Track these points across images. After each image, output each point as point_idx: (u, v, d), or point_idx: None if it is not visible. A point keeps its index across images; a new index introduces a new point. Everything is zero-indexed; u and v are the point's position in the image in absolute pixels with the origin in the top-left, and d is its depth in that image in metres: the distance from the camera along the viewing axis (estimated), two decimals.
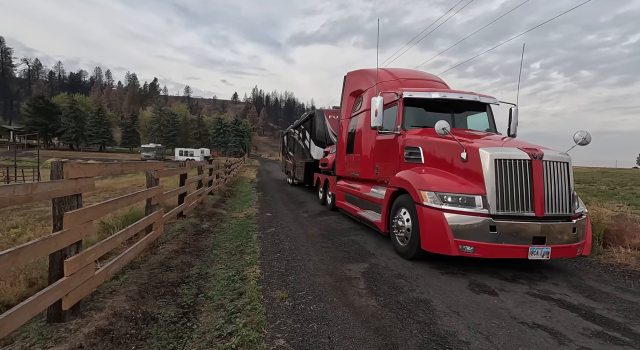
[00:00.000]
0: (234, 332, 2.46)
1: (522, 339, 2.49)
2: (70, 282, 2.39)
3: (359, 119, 6.94)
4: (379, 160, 5.91)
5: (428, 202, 4.01)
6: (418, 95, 5.41)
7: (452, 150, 4.33)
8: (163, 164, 4.98)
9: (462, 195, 3.88)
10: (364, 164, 6.51)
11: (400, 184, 4.62)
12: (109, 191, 12.74)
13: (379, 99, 5.19)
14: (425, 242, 4.02)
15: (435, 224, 3.89)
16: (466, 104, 5.61)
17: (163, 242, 4.81)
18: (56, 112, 71.13)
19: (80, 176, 2.54)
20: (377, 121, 5.22)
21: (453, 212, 3.82)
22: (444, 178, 4.24)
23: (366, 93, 6.81)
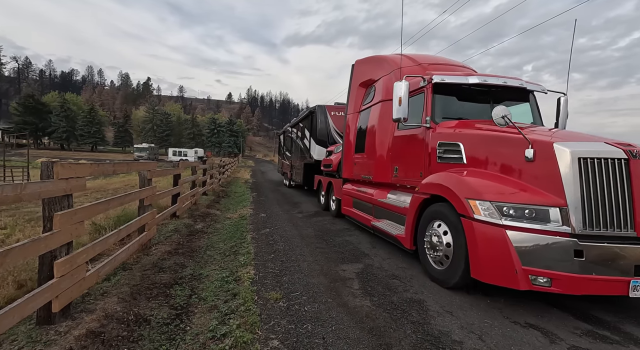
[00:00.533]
0: (227, 334, 2.45)
1: (514, 338, 2.52)
2: (61, 284, 2.35)
3: (371, 113, 5.98)
4: (399, 160, 4.97)
5: (481, 215, 3.06)
6: (451, 80, 4.37)
7: (511, 146, 3.38)
8: (156, 164, 4.94)
9: (531, 206, 2.92)
10: (378, 165, 5.55)
11: (435, 190, 3.69)
12: (101, 191, 12.59)
13: (404, 85, 4.16)
14: (479, 268, 3.05)
15: (493, 246, 2.96)
16: (508, 92, 4.59)
17: (156, 243, 4.76)
18: (47, 111, 69.99)
19: (71, 176, 2.50)
20: (401, 111, 4.17)
21: (519, 229, 2.88)
22: (501, 183, 3.26)
23: (380, 82, 5.83)
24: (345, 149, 7.12)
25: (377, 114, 5.73)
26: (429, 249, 3.77)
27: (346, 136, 7.17)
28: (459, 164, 3.86)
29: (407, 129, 4.78)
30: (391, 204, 4.98)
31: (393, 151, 5.17)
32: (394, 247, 5.00)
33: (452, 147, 3.97)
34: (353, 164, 6.72)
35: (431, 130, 4.31)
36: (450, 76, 4.47)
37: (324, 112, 11.06)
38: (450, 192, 3.43)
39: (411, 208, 4.16)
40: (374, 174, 5.72)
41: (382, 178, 5.43)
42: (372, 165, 5.78)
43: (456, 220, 3.34)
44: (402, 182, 4.87)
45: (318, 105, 11.35)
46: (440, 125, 4.29)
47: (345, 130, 7.21)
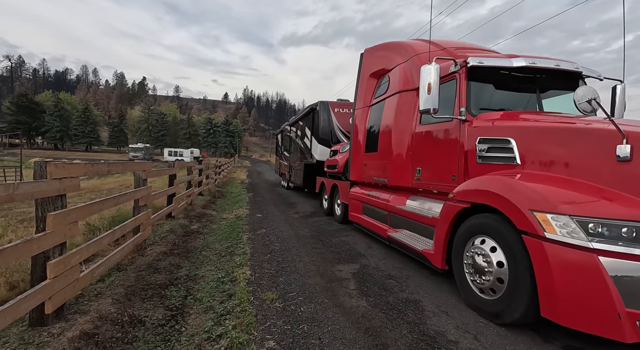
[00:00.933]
0: (223, 335, 2.44)
1: (509, 337, 2.54)
2: (54, 285, 2.33)
3: (385, 106, 5.20)
4: (423, 160, 4.23)
5: (556, 233, 2.29)
6: (492, 63, 3.60)
7: (594, 141, 2.61)
8: (151, 164, 4.90)
9: (631, 223, 2.14)
10: (395, 166, 4.79)
11: (480, 198, 2.91)
12: (96, 192, 12.48)
13: (433, 68, 3.43)
14: (555, 307, 2.29)
15: (578, 277, 2.21)
16: (558, 79, 3.82)
17: (151, 244, 4.73)
18: (40, 110, 69.19)
19: (64, 176, 2.47)
20: (431, 101, 3.43)
21: (617, 255, 2.12)
22: (579, 190, 2.48)
23: (396, 71, 5.04)
24: (353, 149, 6.33)
25: (393, 107, 4.93)
26: (471, 273, 2.97)
27: (354, 134, 6.36)
28: (509, 165, 3.07)
29: (433, 124, 4.03)
30: (413, 212, 4.24)
31: (414, 150, 4.39)
32: (390, 248, 5.00)
33: (499, 144, 3.19)
34: (363, 165, 5.93)
35: (467, 123, 3.52)
36: (490, 58, 3.68)
37: (327, 109, 10.15)
38: (505, 202, 2.62)
39: (443, 219, 3.38)
40: (390, 177, 4.93)
41: (400, 181, 4.67)
42: (387, 166, 4.99)
43: (514, 239, 2.55)
44: (427, 187, 4.15)
45: (321, 101, 10.36)
46: (478, 117, 3.52)
47: (353, 127, 6.38)
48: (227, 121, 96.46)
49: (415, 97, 4.25)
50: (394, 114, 4.89)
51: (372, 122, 5.73)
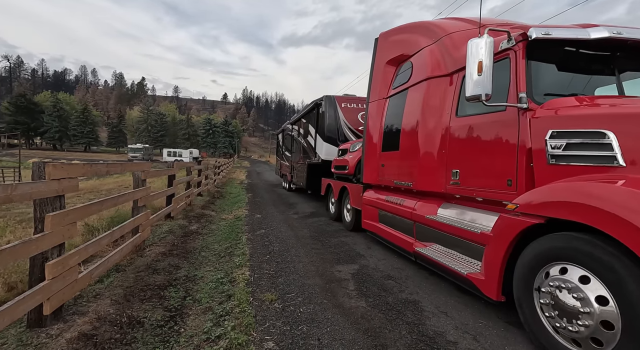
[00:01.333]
0: (222, 335, 2.43)
1: (508, 338, 2.54)
2: (52, 286, 2.32)
3: (407, 97, 4.44)
4: (462, 160, 3.44)
5: None
6: (562, 35, 2.82)
7: None
8: (150, 165, 4.90)
9: None
10: (423, 168, 4.01)
11: (566, 212, 2.13)
12: (94, 192, 12.45)
13: (485, 42, 2.70)
14: None
15: None
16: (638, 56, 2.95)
17: (150, 244, 4.72)
18: (39, 111, 69.06)
19: (63, 177, 2.47)
20: (482, 85, 2.71)
21: None
22: None
23: (421, 56, 4.31)
24: (367, 147, 5.50)
25: (418, 98, 4.18)
26: (553, 317, 2.16)
27: (368, 130, 5.52)
28: (606, 168, 2.28)
29: (477, 115, 3.26)
30: (449, 224, 3.38)
31: (450, 148, 3.63)
32: (389, 248, 5.00)
33: (587, 139, 2.39)
34: (379, 166, 5.12)
35: (529, 113, 2.77)
36: (559, 29, 2.86)
37: (334, 104, 9.27)
38: (618, 222, 1.81)
39: (500, 237, 2.62)
40: (416, 180, 4.15)
41: (430, 185, 3.92)
42: (412, 167, 4.23)
43: (630, 274, 1.81)
44: (467, 193, 3.36)
45: (326, 96, 9.51)
46: (545, 105, 2.77)
47: (367, 122, 5.57)
48: (226, 121, 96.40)
49: (448, 84, 3.73)
50: (421, 105, 4.09)
51: (390, 116, 4.91)
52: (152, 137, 79.99)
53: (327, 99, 9.39)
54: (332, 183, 7.57)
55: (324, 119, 9.30)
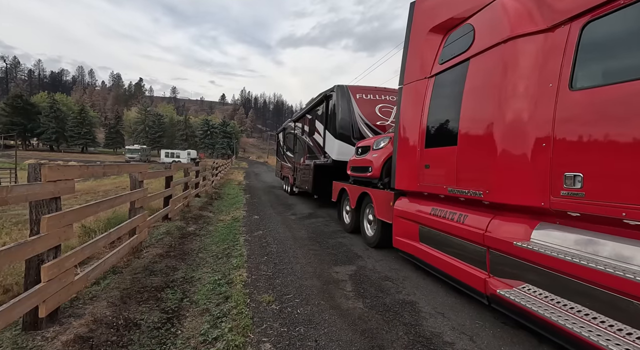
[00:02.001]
0: (219, 337, 2.43)
1: (504, 338, 2.55)
2: (48, 288, 2.31)
3: (470, 70, 3.29)
4: (590, 158, 2.24)
5: None
6: None
7: None
8: (147, 166, 4.88)
9: None
10: (507, 169, 2.80)
11: None
12: (91, 193, 12.41)
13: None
14: None
15: None
16: None
17: (147, 246, 4.70)
18: (35, 111, 68.69)
19: (59, 178, 2.46)
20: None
21: None
22: None
23: (489, 13, 3.21)
24: (401, 143, 4.34)
25: (491, 68, 3.00)
26: None
27: (401, 121, 4.38)
28: None
29: (621, 84, 2.07)
30: (561, 258, 2.22)
31: (560, 138, 2.43)
32: (387, 249, 5.00)
33: None
34: (421, 166, 3.92)
35: None
36: None
37: (347, 95, 7.95)
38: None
39: None
40: (492, 187, 2.89)
41: (521, 196, 2.69)
42: (484, 169, 2.97)
43: None
44: (603, 211, 2.13)
45: (338, 86, 8.15)
46: None
47: (400, 111, 4.44)
48: (225, 122, 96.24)
49: (550, 42, 2.60)
50: (498, 78, 2.90)
51: (439, 100, 3.77)
52: (149, 138, 79.68)
53: (339, 90, 8.05)
54: (348, 188, 6.38)
55: (335, 113, 7.98)
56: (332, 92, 8.29)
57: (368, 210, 5.59)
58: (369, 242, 5.41)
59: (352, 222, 6.12)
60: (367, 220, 5.64)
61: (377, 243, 5.09)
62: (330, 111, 8.34)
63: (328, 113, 8.54)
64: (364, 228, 5.71)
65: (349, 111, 7.87)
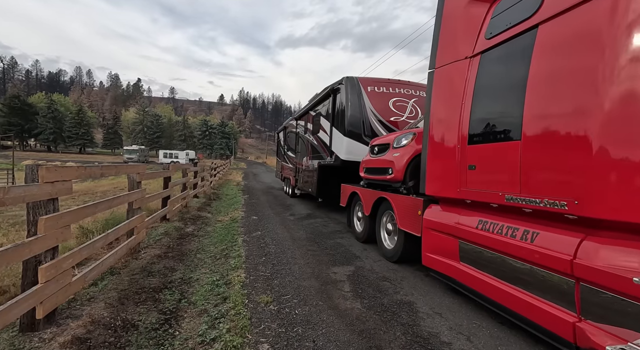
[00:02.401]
0: (217, 338, 2.43)
1: (501, 338, 2.56)
2: (45, 290, 2.30)
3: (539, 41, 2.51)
4: None
5: None
6: None
7: None
8: (145, 167, 4.88)
9: None
10: (614, 169, 1.94)
11: None
12: (89, 194, 12.38)
13: None
14: None
15: None
16: None
17: (145, 247, 4.70)
18: (33, 112, 68.49)
19: (56, 179, 2.46)
20: None
21: None
22: None
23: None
24: (434, 139, 3.56)
25: (584, 34, 2.19)
26: None
27: (434, 113, 3.63)
28: None
29: None
30: None
31: None
32: None
33: None
34: (464, 167, 3.14)
35: None
36: None
37: (357, 88, 7.17)
38: None
39: None
40: (586, 194, 2.08)
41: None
42: (576, 169, 2.16)
43: None
44: None
45: (347, 77, 7.38)
46: None
47: (432, 101, 3.68)
48: (223, 123, 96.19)
49: None
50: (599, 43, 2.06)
51: (490, 83, 3.00)
52: (148, 139, 79.53)
53: (349, 82, 7.25)
54: (361, 192, 5.63)
55: (344, 108, 7.21)
56: (340, 85, 7.47)
57: (386, 218, 4.87)
58: (387, 255, 4.64)
59: (365, 230, 5.41)
60: (384, 230, 4.89)
61: (399, 257, 4.37)
62: (338, 106, 7.53)
63: (335, 109, 7.73)
64: (381, 239, 4.93)
65: (360, 106, 7.06)
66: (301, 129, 11.27)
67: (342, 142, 7.18)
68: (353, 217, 6.15)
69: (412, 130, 4.63)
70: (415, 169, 4.10)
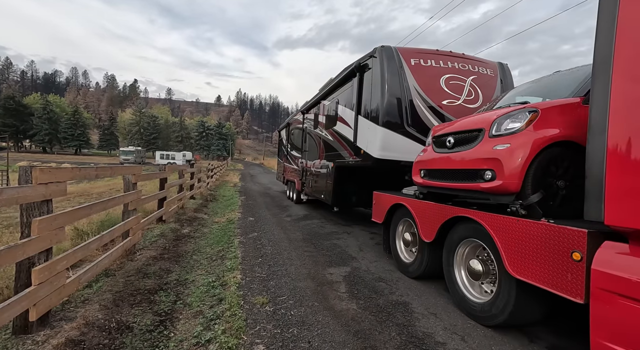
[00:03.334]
0: (212, 339, 2.43)
1: (495, 338, 2.58)
2: (39, 292, 2.29)
3: None
4: None
5: None
6: None
7: None
8: (141, 168, 4.86)
9: None
10: None
11: None
12: (85, 196, 12.30)
13: None
14: None
15: None
16: None
17: (141, 248, 4.68)
18: (28, 113, 68.01)
19: (50, 181, 2.45)
20: None
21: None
22: None
23: None
24: (623, 125, 1.82)
25: None
26: None
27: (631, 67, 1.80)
28: None
29: None
30: None
31: None
32: (382, 250, 5.03)
33: None
34: None
35: None
36: None
37: (396, 61, 5.34)
38: None
39: None
40: None
41: None
42: None
43: None
44: None
45: (382, 47, 5.50)
46: None
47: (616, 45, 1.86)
48: (220, 124, 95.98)
49: None
50: None
51: None
52: (144, 140, 79.15)
53: (384, 53, 5.35)
54: (415, 206, 3.85)
55: (378, 89, 5.31)
56: (370, 59, 5.63)
57: (470, 253, 3.10)
58: (477, 314, 2.85)
59: (423, 263, 3.73)
60: (465, 271, 3.11)
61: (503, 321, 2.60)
62: (369, 87, 5.68)
63: (363, 91, 5.90)
64: (459, 287, 3.11)
65: (400, 84, 5.24)
66: (310, 124, 9.61)
67: (375, 135, 5.32)
68: (395, 240, 4.41)
69: (529, 106, 2.78)
70: (543, 173, 2.52)
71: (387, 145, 5.20)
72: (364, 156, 5.61)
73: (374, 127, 5.36)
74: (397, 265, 4.33)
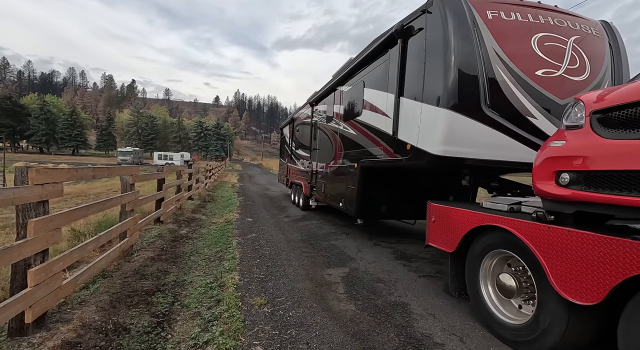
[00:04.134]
0: (210, 341, 2.41)
1: (493, 339, 2.58)
2: (35, 293, 2.27)
3: None
4: None
5: None
6: None
7: None
8: (139, 168, 4.84)
9: None
10: None
11: None
12: (82, 196, 12.24)
13: None
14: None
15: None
16: None
17: (138, 249, 4.66)
18: (25, 113, 67.63)
19: (46, 182, 2.43)
20: None
21: None
22: None
23: None
24: None
25: None
26: None
27: None
28: None
29: None
30: None
31: None
32: (380, 251, 5.03)
33: None
34: None
35: None
36: None
37: (466, 13, 3.54)
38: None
39: None
40: None
41: None
42: None
43: None
44: None
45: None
46: None
47: None
48: (218, 124, 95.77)
49: None
50: None
51: None
52: (142, 140, 78.87)
53: (446, 4, 3.61)
54: (535, 235, 2.26)
55: (442, 55, 3.57)
56: (423, 16, 3.94)
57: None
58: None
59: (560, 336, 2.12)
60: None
61: None
62: (419, 58, 3.95)
63: (405, 65, 4.26)
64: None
65: (475, 47, 3.53)
66: (321, 117, 8.11)
67: (434, 123, 3.63)
68: (479, 281, 2.87)
69: None
70: None
71: (454, 136, 3.52)
72: (414, 153, 3.92)
73: (434, 111, 3.64)
74: (483, 321, 2.78)
